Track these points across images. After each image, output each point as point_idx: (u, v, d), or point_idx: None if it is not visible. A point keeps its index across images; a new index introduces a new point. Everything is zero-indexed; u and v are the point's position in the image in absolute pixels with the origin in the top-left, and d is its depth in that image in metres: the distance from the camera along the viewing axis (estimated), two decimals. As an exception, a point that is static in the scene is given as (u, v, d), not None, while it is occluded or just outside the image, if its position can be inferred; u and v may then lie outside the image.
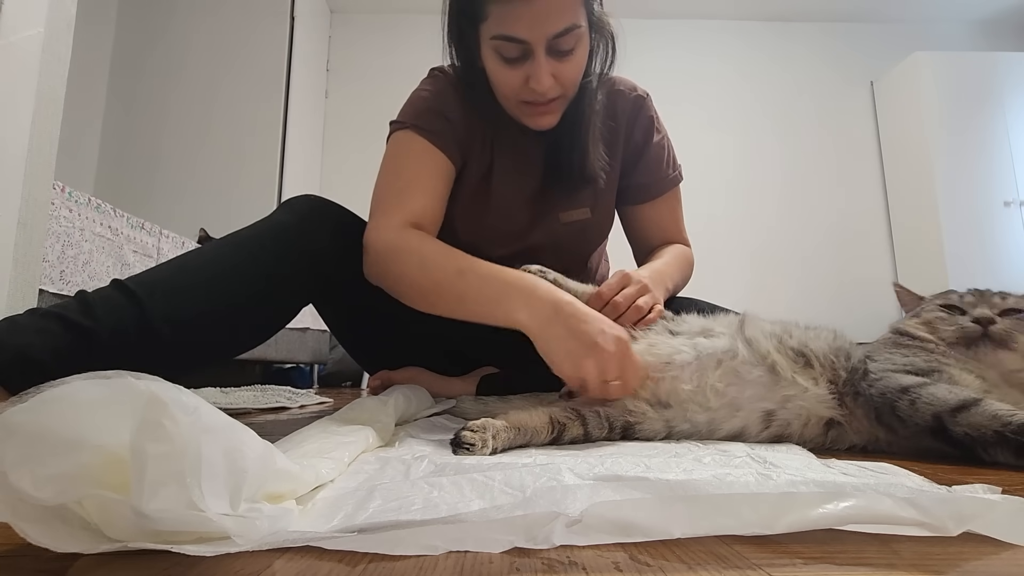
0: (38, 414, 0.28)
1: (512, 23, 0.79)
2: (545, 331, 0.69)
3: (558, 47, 0.81)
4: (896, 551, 0.31)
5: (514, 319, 0.71)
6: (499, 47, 0.82)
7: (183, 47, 2.89)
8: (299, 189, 3.08)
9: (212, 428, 0.30)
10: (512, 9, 0.78)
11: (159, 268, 0.72)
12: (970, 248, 3.17)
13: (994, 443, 0.52)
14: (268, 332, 0.80)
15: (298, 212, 0.82)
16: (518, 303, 0.71)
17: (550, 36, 0.79)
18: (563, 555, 0.30)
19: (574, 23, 0.80)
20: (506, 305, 0.72)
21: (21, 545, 0.30)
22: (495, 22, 0.80)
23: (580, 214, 1.00)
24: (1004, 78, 3.37)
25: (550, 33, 0.79)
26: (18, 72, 0.90)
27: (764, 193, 3.48)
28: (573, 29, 0.80)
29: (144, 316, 0.63)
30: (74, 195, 1.20)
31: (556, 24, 0.79)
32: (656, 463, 0.49)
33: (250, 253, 0.75)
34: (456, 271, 0.76)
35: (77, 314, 0.61)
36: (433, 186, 0.89)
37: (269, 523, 0.31)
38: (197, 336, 0.68)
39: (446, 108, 0.92)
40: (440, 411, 0.90)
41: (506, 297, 0.72)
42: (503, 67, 0.84)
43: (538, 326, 0.70)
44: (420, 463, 0.51)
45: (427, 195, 0.88)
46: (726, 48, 3.70)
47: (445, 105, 0.92)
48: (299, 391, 1.83)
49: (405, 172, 0.89)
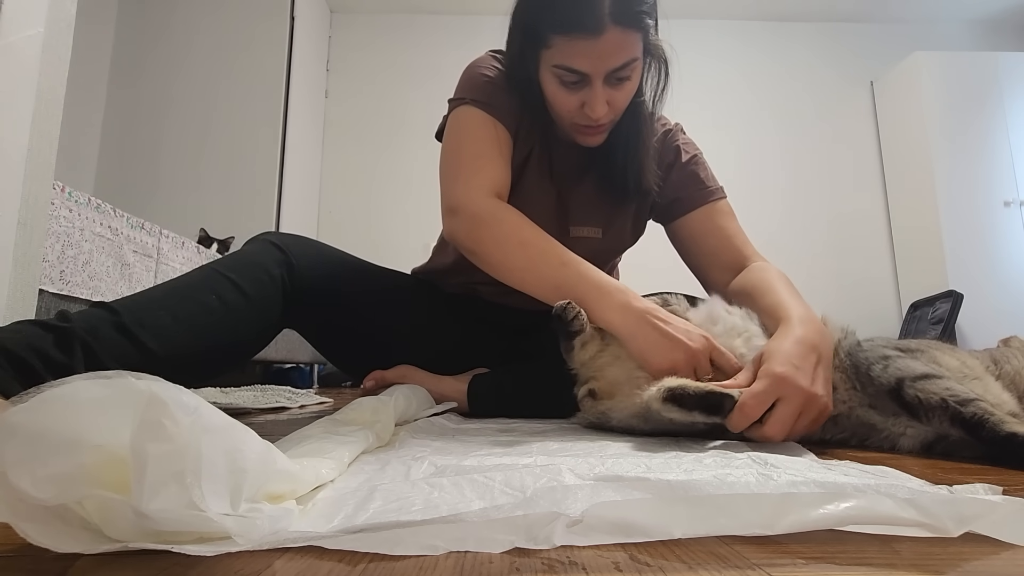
0: (38, 414, 0.28)
1: (575, 57, 0.83)
2: (637, 332, 0.75)
3: (615, 76, 0.85)
4: (897, 551, 0.31)
5: (607, 320, 0.78)
6: (559, 74, 0.85)
7: (183, 47, 2.89)
8: (299, 189, 3.08)
9: (212, 428, 0.30)
10: (577, 44, 0.81)
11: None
12: (970, 248, 3.18)
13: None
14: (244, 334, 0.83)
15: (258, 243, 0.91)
16: (612, 306, 0.77)
17: (610, 70, 0.83)
18: (563, 555, 0.30)
19: (633, 57, 0.84)
20: (600, 305, 0.78)
21: (21, 545, 0.30)
22: (558, 52, 0.83)
23: (590, 231, 1.01)
24: (1004, 78, 3.37)
25: (610, 68, 0.83)
26: (18, 72, 0.90)
27: (764, 193, 3.48)
28: (632, 63, 0.84)
29: (116, 316, 0.68)
30: (74, 195, 1.20)
31: (617, 60, 0.83)
32: (656, 463, 0.49)
33: (214, 270, 0.82)
34: (559, 262, 0.82)
35: (53, 320, 0.65)
36: (502, 155, 0.92)
37: (269, 523, 0.31)
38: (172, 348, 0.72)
39: (502, 86, 0.94)
40: (440, 411, 0.90)
41: (602, 299, 0.78)
42: (561, 90, 0.87)
43: (629, 330, 0.75)
44: (420, 464, 0.51)
45: (498, 165, 0.91)
46: (726, 48, 3.70)
47: (501, 83, 0.95)
48: (299, 391, 1.83)
49: (475, 143, 0.91)
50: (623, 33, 0.81)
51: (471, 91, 0.94)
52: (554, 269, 0.81)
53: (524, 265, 0.83)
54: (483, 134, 0.92)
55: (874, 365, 0.66)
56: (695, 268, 1.03)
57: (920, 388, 0.60)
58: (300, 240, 0.96)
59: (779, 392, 0.61)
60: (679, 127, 1.08)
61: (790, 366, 0.63)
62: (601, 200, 1.02)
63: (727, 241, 0.98)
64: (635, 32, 0.82)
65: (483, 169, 0.89)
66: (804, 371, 0.63)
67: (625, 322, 0.76)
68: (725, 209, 1.02)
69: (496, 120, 0.92)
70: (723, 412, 0.61)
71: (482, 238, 0.86)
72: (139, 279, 1.42)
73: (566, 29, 0.81)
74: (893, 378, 0.63)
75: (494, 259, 0.86)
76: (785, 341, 0.67)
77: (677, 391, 0.62)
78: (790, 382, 0.61)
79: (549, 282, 0.81)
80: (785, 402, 0.61)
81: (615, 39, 0.81)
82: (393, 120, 3.54)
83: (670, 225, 1.06)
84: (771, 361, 0.64)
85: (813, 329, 0.70)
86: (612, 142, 0.96)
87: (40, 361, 0.59)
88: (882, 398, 0.65)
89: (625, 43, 0.82)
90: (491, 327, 1.09)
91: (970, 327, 3.01)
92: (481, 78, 0.95)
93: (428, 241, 1.25)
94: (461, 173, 0.90)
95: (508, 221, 0.85)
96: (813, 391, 0.62)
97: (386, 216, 3.47)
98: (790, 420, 0.61)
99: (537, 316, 1.06)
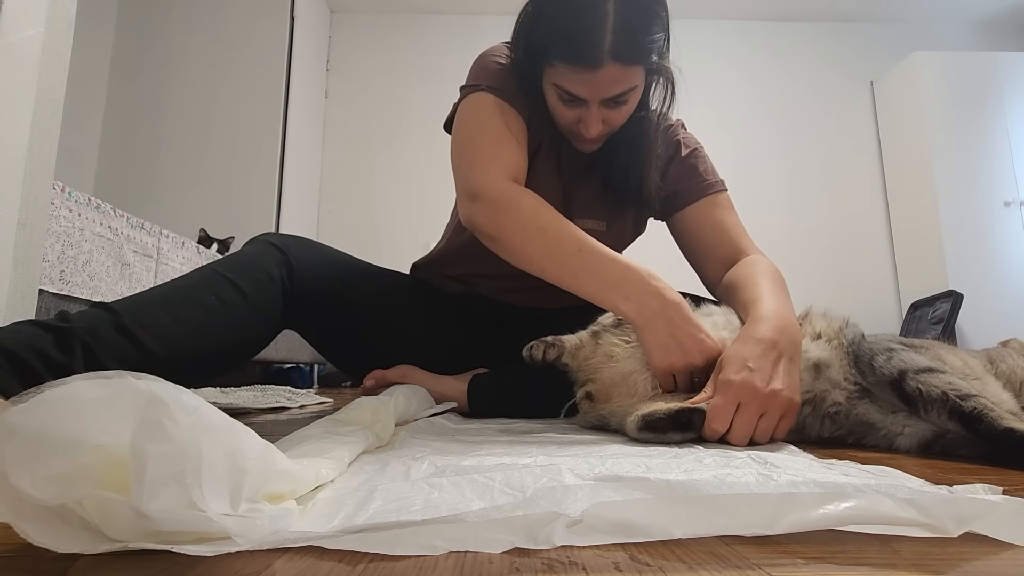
0: (38, 414, 0.28)
1: (572, 83, 0.83)
2: (648, 324, 0.74)
3: (612, 101, 0.85)
4: (897, 551, 0.31)
5: (621, 309, 0.77)
6: (558, 92, 0.86)
7: (183, 47, 2.89)
8: (299, 189, 3.08)
9: (212, 428, 0.30)
10: (575, 74, 0.82)
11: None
12: (970, 248, 3.18)
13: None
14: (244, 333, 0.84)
15: (259, 243, 0.92)
16: (628, 294, 0.76)
17: (606, 97, 0.84)
18: (563, 555, 0.30)
19: (632, 86, 0.84)
20: (616, 293, 0.77)
21: (21, 545, 0.30)
22: (558, 74, 0.84)
23: (595, 224, 1.01)
24: (1004, 78, 3.37)
25: (607, 96, 0.84)
26: (18, 72, 0.89)
27: (764, 193, 3.48)
28: (630, 91, 0.85)
29: (116, 317, 0.68)
30: (74, 195, 1.20)
31: (614, 91, 0.83)
32: (656, 463, 0.49)
33: (214, 271, 0.82)
34: (576, 249, 0.80)
35: (53, 320, 0.65)
36: (518, 141, 0.91)
37: (269, 523, 0.31)
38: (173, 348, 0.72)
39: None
40: (440, 411, 0.90)
41: (618, 285, 0.77)
42: (560, 104, 0.88)
43: (643, 320, 0.75)
44: (420, 464, 0.51)
45: (515, 150, 0.90)
46: (726, 48, 3.70)
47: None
48: (299, 391, 1.83)
49: (492, 128, 0.90)
50: (622, 69, 0.80)
51: (485, 78, 0.93)
52: (571, 256, 0.80)
53: (543, 253, 0.82)
54: (499, 120, 0.90)
55: (877, 356, 0.66)
56: (693, 263, 1.03)
57: (922, 381, 0.60)
58: (300, 241, 0.96)
59: (737, 398, 0.63)
60: (680, 123, 1.08)
61: (745, 370, 0.64)
62: (604, 199, 1.02)
63: (724, 235, 0.98)
64: (635, 66, 0.82)
65: (501, 154, 0.88)
66: (761, 371, 0.64)
67: (640, 313, 0.75)
68: (724, 202, 1.01)
69: (511, 107, 0.91)
70: (695, 427, 0.64)
71: (502, 224, 0.84)
72: (139, 279, 1.42)
73: (565, 58, 0.81)
74: (896, 369, 0.63)
75: (514, 245, 0.84)
76: (742, 343, 0.69)
77: (648, 417, 0.65)
78: (746, 387, 0.63)
79: (567, 270, 0.80)
80: (744, 408, 0.63)
81: (613, 74, 0.81)
82: (393, 120, 3.54)
83: (670, 219, 1.05)
84: (726, 368, 0.66)
85: (773, 325, 0.70)
86: (615, 151, 0.96)
87: (40, 361, 0.59)
88: (882, 389, 0.65)
89: (624, 77, 0.82)
90: (491, 327, 1.09)
91: (970, 327, 3.01)
92: (495, 66, 0.95)
93: (428, 241, 1.25)
94: (479, 158, 0.88)
95: (526, 206, 0.83)
96: (771, 390, 0.63)
97: (386, 216, 3.46)
98: (750, 425, 0.62)
99: (537, 314, 1.07)
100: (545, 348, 0.80)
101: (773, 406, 0.63)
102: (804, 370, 0.70)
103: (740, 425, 0.62)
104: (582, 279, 0.79)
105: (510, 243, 0.84)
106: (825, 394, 0.69)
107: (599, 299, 0.79)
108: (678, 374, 0.73)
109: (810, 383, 0.70)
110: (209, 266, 0.84)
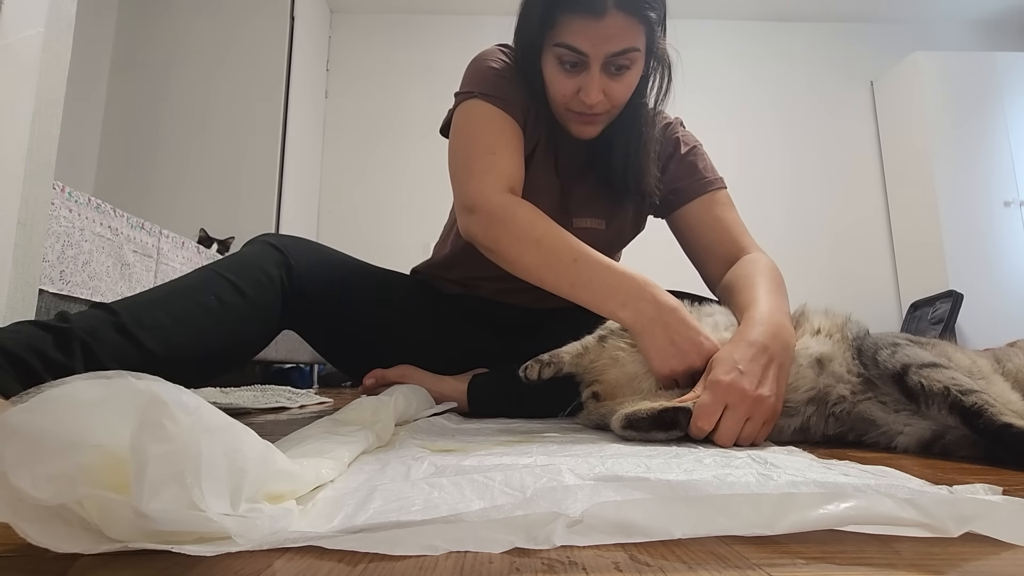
0: (38, 414, 0.28)
1: (576, 35, 0.83)
2: (645, 330, 0.75)
3: (613, 64, 0.85)
4: (897, 551, 0.31)
5: (619, 316, 0.78)
6: (560, 53, 0.86)
7: (183, 47, 2.89)
8: (299, 189, 3.08)
9: (212, 428, 0.30)
10: (580, 23, 0.82)
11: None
12: (970, 248, 3.17)
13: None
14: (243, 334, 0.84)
15: (258, 243, 0.93)
16: (625, 301, 0.77)
17: (608, 54, 0.83)
18: (563, 555, 0.30)
19: (633, 46, 0.84)
20: (613, 301, 0.78)
21: (21, 545, 0.30)
22: (561, 30, 0.84)
23: (594, 223, 1.01)
24: (1004, 78, 3.37)
25: (609, 51, 0.83)
26: (18, 72, 0.89)
27: (763, 193, 3.48)
28: (631, 51, 0.84)
29: (116, 317, 0.68)
30: (74, 195, 1.20)
31: (616, 45, 0.83)
32: (657, 464, 0.49)
33: (214, 272, 0.83)
34: (572, 259, 0.81)
35: (53, 320, 0.65)
36: (514, 149, 0.91)
37: (269, 523, 0.31)
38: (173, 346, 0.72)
39: (510, 78, 0.94)
40: (440, 411, 0.90)
41: (615, 293, 0.78)
42: (559, 74, 0.88)
43: (640, 326, 0.76)
44: (420, 464, 0.51)
45: (511, 159, 0.90)
46: (726, 47, 3.70)
47: (509, 75, 0.94)
48: (299, 391, 1.83)
49: (486, 138, 0.91)
50: (625, 19, 0.81)
51: (479, 84, 0.94)
52: (566, 266, 0.81)
53: (540, 264, 0.83)
54: (494, 128, 0.91)
55: (882, 350, 0.66)
56: (694, 261, 1.03)
57: (925, 375, 0.60)
58: (299, 241, 0.96)
59: (725, 399, 0.63)
60: (679, 121, 1.08)
61: (735, 372, 0.65)
62: (602, 196, 1.02)
63: (724, 233, 0.98)
64: (638, 22, 0.83)
65: (496, 164, 0.88)
66: (750, 374, 0.65)
67: (637, 319, 0.76)
68: (723, 200, 1.01)
69: (506, 113, 0.91)
70: (680, 426, 0.64)
71: (499, 237, 0.85)
72: (139, 279, 1.42)
73: (571, 8, 0.82)
74: (899, 363, 0.63)
75: (511, 256, 0.85)
76: (734, 346, 0.70)
77: (631, 416, 0.65)
78: (735, 388, 0.64)
79: (564, 280, 0.81)
80: (731, 410, 0.63)
81: (616, 23, 0.81)
82: (393, 120, 3.54)
83: (670, 217, 1.05)
84: (716, 369, 0.67)
85: (766, 329, 0.70)
86: (612, 142, 0.96)
87: (40, 361, 0.59)
88: (885, 383, 0.65)
89: (626, 29, 0.82)
90: (491, 327, 1.08)
91: (970, 327, 3.01)
92: (489, 71, 0.95)
93: (428, 241, 1.25)
94: (474, 169, 0.88)
95: (522, 217, 0.84)
96: (758, 394, 0.64)
97: (386, 216, 3.46)
98: (736, 427, 0.63)
99: (537, 315, 1.07)
100: (540, 368, 0.80)
101: (759, 411, 0.64)
102: (807, 366, 0.70)
103: (727, 427, 0.63)
104: (579, 288, 0.80)
105: (507, 255, 0.85)
106: (830, 389, 0.69)
107: (596, 307, 0.79)
108: (679, 377, 0.74)
109: (814, 379, 0.70)
110: (209, 267, 0.84)
